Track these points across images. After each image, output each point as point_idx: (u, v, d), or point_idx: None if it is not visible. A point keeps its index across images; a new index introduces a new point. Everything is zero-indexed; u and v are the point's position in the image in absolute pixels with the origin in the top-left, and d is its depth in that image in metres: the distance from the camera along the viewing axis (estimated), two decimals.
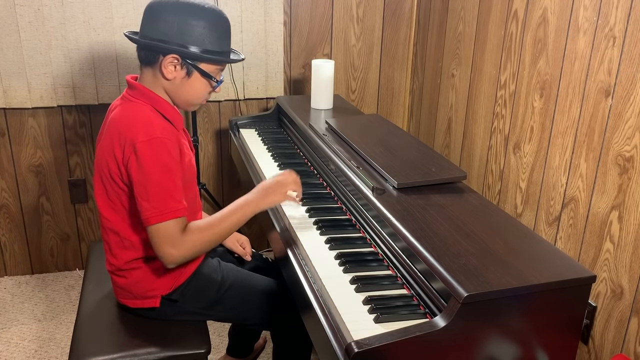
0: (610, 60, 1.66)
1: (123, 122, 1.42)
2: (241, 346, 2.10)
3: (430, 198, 1.56)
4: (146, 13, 1.45)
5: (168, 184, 1.39)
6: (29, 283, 2.67)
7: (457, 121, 2.50)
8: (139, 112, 1.44)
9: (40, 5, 2.32)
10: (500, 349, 1.23)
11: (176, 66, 1.45)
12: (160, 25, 1.42)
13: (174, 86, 1.48)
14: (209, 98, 1.57)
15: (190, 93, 1.50)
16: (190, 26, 1.43)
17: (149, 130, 1.39)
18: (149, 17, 1.44)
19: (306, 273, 1.44)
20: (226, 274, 1.65)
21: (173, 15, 1.42)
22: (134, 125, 1.40)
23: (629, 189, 1.63)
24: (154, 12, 1.44)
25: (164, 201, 1.38)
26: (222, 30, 1.49)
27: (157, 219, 1.38)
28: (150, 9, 1.45)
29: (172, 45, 1.42)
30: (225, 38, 1.50)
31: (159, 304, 1.56)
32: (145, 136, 1.38)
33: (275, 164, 2.08)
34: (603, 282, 1.75)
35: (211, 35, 1.45)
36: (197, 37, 1.43)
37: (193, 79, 1.48)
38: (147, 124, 1.41)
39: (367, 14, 2.73)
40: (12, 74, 2.38)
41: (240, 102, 2.73)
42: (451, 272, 1.20)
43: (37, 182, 2.59)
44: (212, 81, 1.50)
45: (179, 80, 1.47)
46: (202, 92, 1.52)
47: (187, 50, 1.43)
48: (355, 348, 1.10)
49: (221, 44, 1.49)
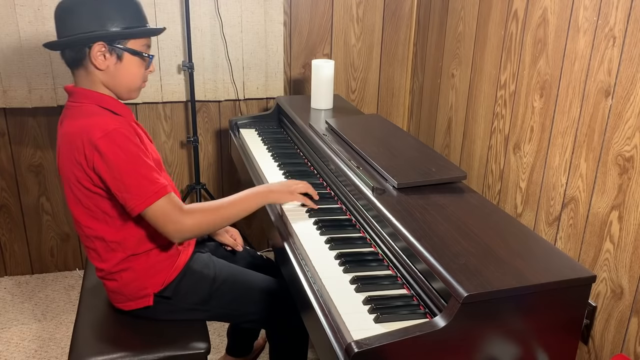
0: (610, 60, 1.66)
1: (75, 127, 1.41)
2: (240, 345, 2.10)
3: (430, 198, 1.56)
4: (57, 15, 1.44)
5: (140, 169, 1.39)
6: (29, 283, 2.67)
7: (457, 121, 2.50)
8: (87, 113, 1.42)
9: (40, 5, 2.32)
10: (500, 349, 1.23)
11: (105, 54, 1.42)
12: (74, 20, 1.41)
13: (110, 76, 1.46)
14: (146, 79, 1.55)
15: (127, 77, 1.48)
16: (102, 9, 1.41)
17: (102, 126, 1.38)
18: (62, 17, 1.43)
19: (306, 273, 1.44)
20: (219, 269, 1.65)
21: (82, 6, 1.40)
22: (86, 126, 1.39)
23: (629, 189, 1.63)
24: (63, 10, 1.42)
25: (143, 186, 1.39)
26: (135, 4, 1.47)
27: (144, 205, 1.39)
28: (58, 9, 1.43)
29: (93, 32, 1.40)
30: (140, 11, 1.48)
31: (152, 302, 1.56)
32: (101, 132, 1.37)
33: (275, 164, 2.08)
34: (603, 282, 1.75)
35: (126, 11, 1.43)
36: (114, 17, 1.41)
37: (125, 62, 1.45)
38: (98, 121, 1.40)
39: (367, 14, 2.73)
40: (12, 74, 2.38)
41: (240, 102, 2.73)
42: (451, 272, 1.20)
43: (37, 182, 2.59)
44: (144, 58, 1.49)
45: (112, 67, 1.45)
46: (138, 73, 1.49)
47: (109, 32, 1.41)
48: (355, 348, 1.10)
49: (138, 17, 1.46)
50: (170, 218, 1.42)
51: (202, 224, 1.49)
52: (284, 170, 2.01)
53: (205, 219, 1.49)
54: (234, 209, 1.56)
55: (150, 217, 1.42)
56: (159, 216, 1.41)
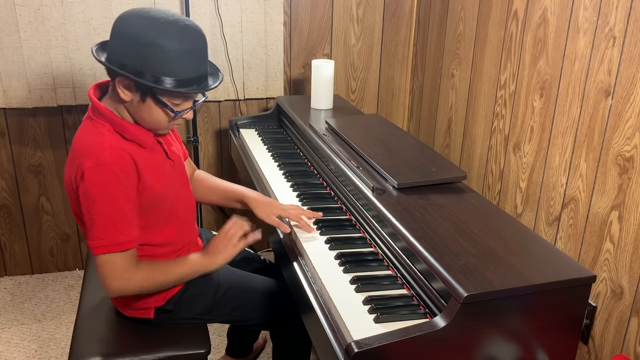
0: (610, 60, 1.66)
1: (78, 145, 1.37)
2: (240, 346, 2.10)
3: (430, 198, 1.56)
4: (113, 25, 1.34)
5: (112, 214, 1.32)
6: (29, 283, 2.67)
7: (457, 121, 2.50)
8: (94, 136, 1.36)
9: (40, 5, 2.32)
10: (500, 349, 1.23)
11: (131, 89, 1.34)
12: (118, 43, 1.32)
13: (133, 108, 1.38)
14: (178, 123, 1.45)
15: (148, 118, 1.38)
16: (147, 49, 1.28)
17: (99, 156, 1.31)
18: (114, 31, 1.33)
19: (306, 273, 1.44)
20: (222, 277, 1.63)
21: (132, 35, 1.29)
22: (86, 149, 1.33)
23: (629, 189, 1.63)
24: (118, 26, 1.33)
25: (108, 232, 1.33)
26: (190, 51, 1.32)
27: (101, 250, 1.33)
28: (116, 21, 1.33)
29: (126, 70, 1.30)
30: (191, 62, 1.34)
31: (153, 315, 1.55)
32: (93, 162, 1.31)
33: (275, 164, 2.08)
34: (603, 282, 1.75)
35: (172, 61, 1.30)
36: (155, 63, 1.29)
37: (148, 105, 1.36)
38: (98, 149, 1.33)
39: (367, 14, 2.73)
40: (12, 74, 2.38)
41: (240, 102, 2.73)
42: (451, 272, 1.20)
43: (37, 182, 2.59)
44: (168, 111, 1.37)
45: (135, 103, 1.36)
46: (162, 119, 1.39)
47: (140, 80, 1.29)
48: (355, 348, 1.10)
49: (186, 70, 1.32)
50: (115, 275, 1.36)
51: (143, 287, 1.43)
52: (284, 170, 2.01)
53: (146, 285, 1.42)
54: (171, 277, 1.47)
55: (98, 263, 1.35)
56: (107, 269, 1.35)
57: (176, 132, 1.65)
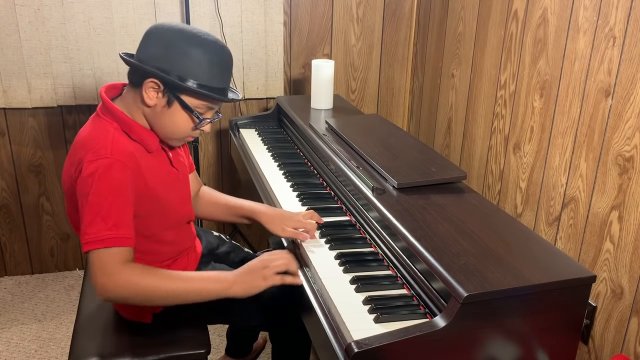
0: (610, 60, 1.66)
1: (81, 140, 1.36)
2: (240, 346, 2.10)
3: (430, 198, 1.56)
4: (144, 35, 1.38)
5: (105, 209, 1.27)
6: (29, 283, 2.67)
7: (457, 121, 2.50)
8: (99, 131, 1.35)
9: (40, 5, 2.32)
10: (500, 349, 1.23)
11: (158, 93, 1.35)
12: (149, 47, 1.35)
13: (154, 114, 1.38)
14: (194, 135, 1.44)
15: (170, 125, 1.39)
16: (178, 52, 1.33)
17: (99, 151, 1.29)
18: (144, 39, 1.37)
19: (306, 273, 1.44)
20: None
21: (164, 39, 1.34)
22: (88, 144, 1.32)
23: (629, 189, 1.63)
24: (149, 35, 1.37)
25: (99, 227, 1.25)
26: (216, 63, 1.36)
27: (90, 246, 1.25)
28: (147, 32, 1.38)
29: (156, 68, 1.32)
30: (218, 73, 1.37)
31: (150, 320, 1.54)
32: (93, 156, 1.28)
33: (275, 164, 2.08)
34: (603, 282, 1.75)
35: (200, 66, 1.34)
36: (183, 65, 1.33)
37: (173, 110, 1.37)
38: (101, 143, 1.31)
39: (367, 14, 2.73)
40: (12, 74, 2.38)
41: (240, 102, 2.73)
42: (451, 272, 1.20)
43: (37, 182, 2.59)
44: (193, 116, 1.38)
45: (159, 108, 1.37)
46: (184, 126, 1.40)
47: (167, 76, 1.32)
48: (355, 348, 1.10)
49: (211, 77, 1.36)
50: (103, 271, 1.25)
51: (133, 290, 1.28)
52: (284, 170, 2.01)
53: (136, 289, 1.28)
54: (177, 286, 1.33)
55: (89, 260, 1.27)
56: (95, 264, 1.25)
57: (186, 145, 1.62)
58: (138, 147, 1.39)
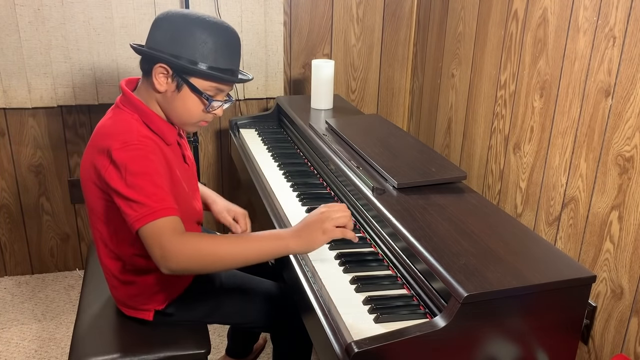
0: (610, 60, 1.66)
1: (104, 130, 1.37)
2: (240, 347, 2.10)
3: (430, 198, 1.56)
4: (153, 23, 1.40)
5: (148, 186, 1.27)
6: (29, 283, 2.67)
7: (457, 121, 2.50)
8: (122, 122, 1.37)
9: (40, 5, 2.32)
10: (500, 349, 1.23)
11: (167, 78, 1.36)
12: (156, 33, 1.37)
13: (166, 100, 1.40)
14: (207, 119, 1.45)
15: (181, 109, 1.40)
16: (185, 36, 1.34)
17: (125, 138, 1.31)
18: (152, 27, 1.39)
19: (306, 273, 1.44)
20: (225, 280, 1.62)
21: (170, 24, 1.35)
22: (113, 133, 1.33)
23: (629, 189, 1.63)
24: (156, 22, 1.39)
25: (144, 203, 1.25)
26: (224, 44, 1.37)
27: (140, 222, 1.25)
28: (154, 20, 1.40)
29: (163, 53, 1.34)
30: (226, 54, 1.38)
31: (152, 317, 1.54)
32: (121, 144, 1.30)
33: (275, 164, 2.08)
34: (603, 282, 1.75)
35: (206, 47, 1.34)
36: (192, 47, 1.34)
37: (183, 94, 1.38)
38: (125, 132, 1.33)
39: (367, 14, 2.73)
40: (12, 74, 2.38)
41: (240, 102, 2.73)
42: (451, 272, 1.20)
43: (37, 182, 2.59)
44: (203, 98, 1.39)
45: (169, 93, 1.38)
46: (195, 110, 1.40)
47: (174, 60, 1.33)
48: (355, 348, 1.10)
49: (218, 58, 1.36)
50: (160, 243, 1.24)
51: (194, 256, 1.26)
52: (284, 170, 2.01)
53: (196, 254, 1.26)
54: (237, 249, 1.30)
55: (143, 237, 1.26)
56: (150, 238, 1.25)
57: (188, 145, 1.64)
58: (157, 139, 1.41)
